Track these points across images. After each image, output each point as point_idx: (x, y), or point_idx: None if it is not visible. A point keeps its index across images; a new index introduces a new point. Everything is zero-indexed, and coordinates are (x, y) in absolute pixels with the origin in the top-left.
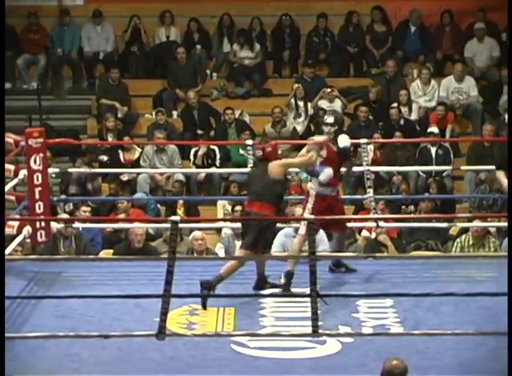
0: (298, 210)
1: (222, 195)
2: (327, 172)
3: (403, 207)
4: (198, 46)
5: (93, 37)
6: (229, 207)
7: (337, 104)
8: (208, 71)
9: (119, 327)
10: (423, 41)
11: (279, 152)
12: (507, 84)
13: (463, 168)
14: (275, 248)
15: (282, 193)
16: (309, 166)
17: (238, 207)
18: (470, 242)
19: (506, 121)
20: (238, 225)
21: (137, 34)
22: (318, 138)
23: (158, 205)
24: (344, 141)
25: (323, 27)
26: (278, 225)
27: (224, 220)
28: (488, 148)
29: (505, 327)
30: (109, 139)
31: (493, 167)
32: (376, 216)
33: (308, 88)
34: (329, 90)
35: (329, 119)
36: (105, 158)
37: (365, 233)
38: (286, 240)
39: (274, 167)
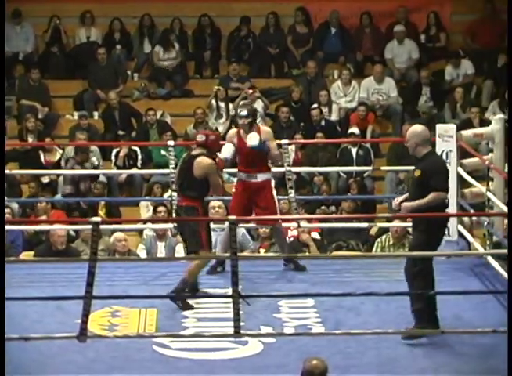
0: (218, 211)
1: (145, 196)
2: (225, 148)
3: (323, 207)
4: (118, 46)
5: (12, 37)
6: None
7: (259, 105)
8: (129, 72)
9: (40, 329)
10: (344, 43)
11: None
12: (506, 83)
13: (383, 168)
14: None
15: (206, 189)
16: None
17: (161, 208)
18: (391, 242)
19: (422, 121)
20: (160, 226)
21: (57, 35)
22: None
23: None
24: (252, 140)
25: (244, 27)
26: None
27: (145, 221)
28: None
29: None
30: (30, 140)
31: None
32: (298, 216)
33: (230, 87)
34: (250, 91)
35: (243, 112)
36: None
37: (290, 233)
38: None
39: (204, 166)
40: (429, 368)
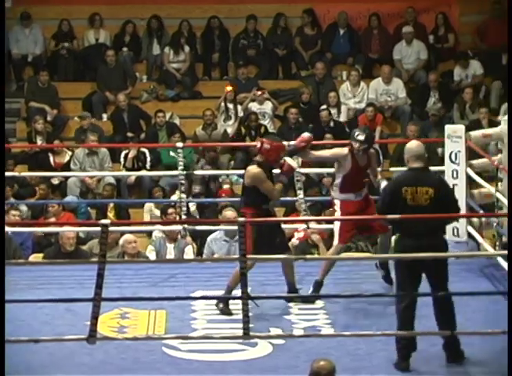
0: (230, 213)
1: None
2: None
3: (331, 209)
4: (125, 49)
5: (21, 39)
6: (156, 211)
7: (268, 106)
8: (138, 74)
9: (49, 331)
10: (352, 44)
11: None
12: (507, 86)
13: (391, 169)
14: (205, 252)
15: (258, 196)
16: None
17: (170, 210)
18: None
19: (431, 122)
20: (169, 227)
21: (66, 37)
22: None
23: (89, 208)
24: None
25: (252, 28)
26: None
27: (154, 223)
28: None
29: (435, 328)
30: (39, 142)
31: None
32: (307, 218)
33: (240, 89)
34: (259, 92)
35: (360, 136)
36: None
37: (297, 235)
38: (213, 243)
39: (250, 175)
40: (440, 370)
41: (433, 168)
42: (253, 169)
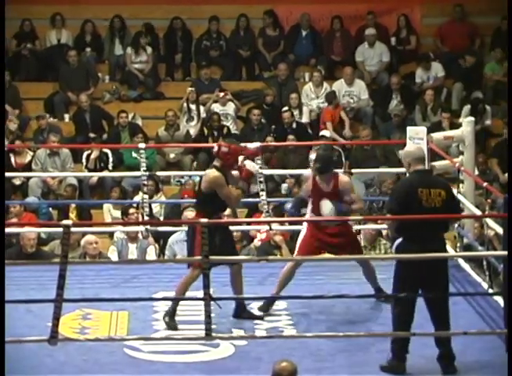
0: (190, 213)
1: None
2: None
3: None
4: (88, 49)
5: None
6: (115, 212)
7: (231, 107)
8: (100, 74)
9: (10, 332)
10: (315, 45)
11: (240, 160)
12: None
13: (354, 170)
14: (167, 254)
15: (216, 203)
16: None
17: (132, 211)
18: (362, 244)
19: (393, 124)
20: (131, 228)
21: (28, 37)
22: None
23: (50, 209)
24: (324, 208)
25: (215, 29)
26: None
27: (116, 224)
28: (370, 150)
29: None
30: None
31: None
32: (270, 219)
33: (202, 90)
34: (222, 93)
35: (312, 155)
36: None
37: (260, 236)
38: (175, 245)
39: (208, 179)
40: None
41: (394, 170)
42: (212, 173)
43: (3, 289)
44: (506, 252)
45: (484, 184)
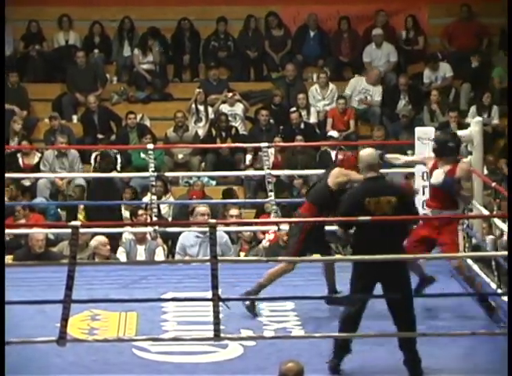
0: (204, 209)
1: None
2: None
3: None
4: (96, 50)
5: None
6: (125, 213)
7: (239, 108)
8: (108, 75)
9: (19, 333)
10: (322, 46)
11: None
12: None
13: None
14: (177, 249)
15: (330, 199)
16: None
17: (141, 212)
18: None
19: (401, 124)
20: (139, 229)
21: (36, 38)
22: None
23: (58, 210)
24: (436, 177)
25: (223, 30)
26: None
27: (125, 225)
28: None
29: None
30: (12, 143)
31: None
32: (279, 219)
33: (210, 91)
34: (230, 94)
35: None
36: None
37: (268, 237)
38: (185, 239)
39: (333, 175)
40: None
41: (402, 170)
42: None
43: (3, 289)
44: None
45: (493, 184)
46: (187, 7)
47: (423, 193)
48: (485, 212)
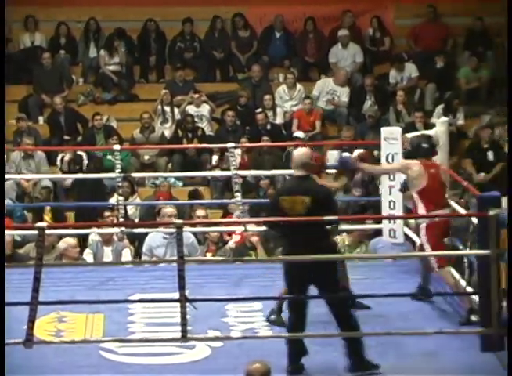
0: (171, 211)
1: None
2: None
3: None
4: (62, 51)
5: None
6: None
7: (205, 109)
8: (74, 77)
9: None
10: (288, 46)
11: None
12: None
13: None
14: (144, 250)
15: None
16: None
17: (107, 213)
18: (346, 242)
19: (368, 124)
20: (106, 230)
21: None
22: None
23: (25, 212)
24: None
25: (189, 31)
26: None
27: (92, 225)
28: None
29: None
30: None
31: None
32: (247, 220)
33: (177, 92)
34: (197, 95)
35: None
36: None
37: (235, 238)
38: (152, 240)
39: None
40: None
41: None
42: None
43: (3, 289)
44: (481, 251)
45: (465, 183)
46: (153, 8)
47: (390, 193)
48: (463, 212)
